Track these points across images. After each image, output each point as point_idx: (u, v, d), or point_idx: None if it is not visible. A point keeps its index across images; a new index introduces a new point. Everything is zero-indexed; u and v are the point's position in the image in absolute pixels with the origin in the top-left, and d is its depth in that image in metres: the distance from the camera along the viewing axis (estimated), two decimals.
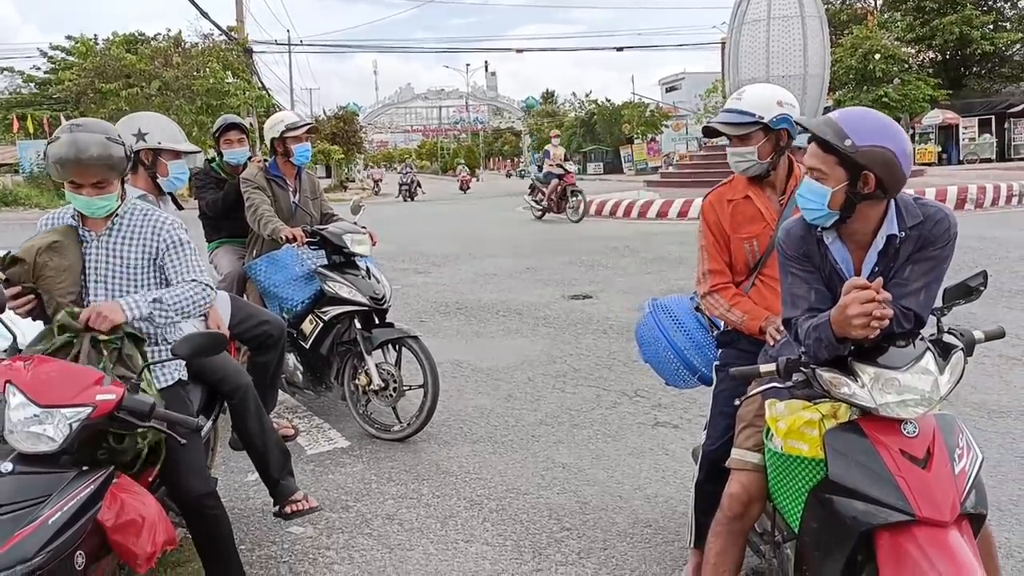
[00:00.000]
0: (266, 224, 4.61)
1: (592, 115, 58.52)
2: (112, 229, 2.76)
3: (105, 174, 2.60)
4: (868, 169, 2.12)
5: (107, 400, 2.20)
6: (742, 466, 2.52)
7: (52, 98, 38.89)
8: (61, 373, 2.24)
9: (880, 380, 2.11)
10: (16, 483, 2.05)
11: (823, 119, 2.22)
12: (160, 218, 2.82)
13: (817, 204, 2.19)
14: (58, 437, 2.12)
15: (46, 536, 1.97)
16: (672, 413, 4.93)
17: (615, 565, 3.21)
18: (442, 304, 8.75)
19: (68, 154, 2.53)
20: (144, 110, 16.84)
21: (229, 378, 3.21)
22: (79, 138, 2.55)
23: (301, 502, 3.37)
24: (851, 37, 36.67)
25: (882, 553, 2.03)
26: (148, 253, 2.78)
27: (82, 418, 2.15)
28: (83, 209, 2.70)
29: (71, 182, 2.60)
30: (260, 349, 4.01)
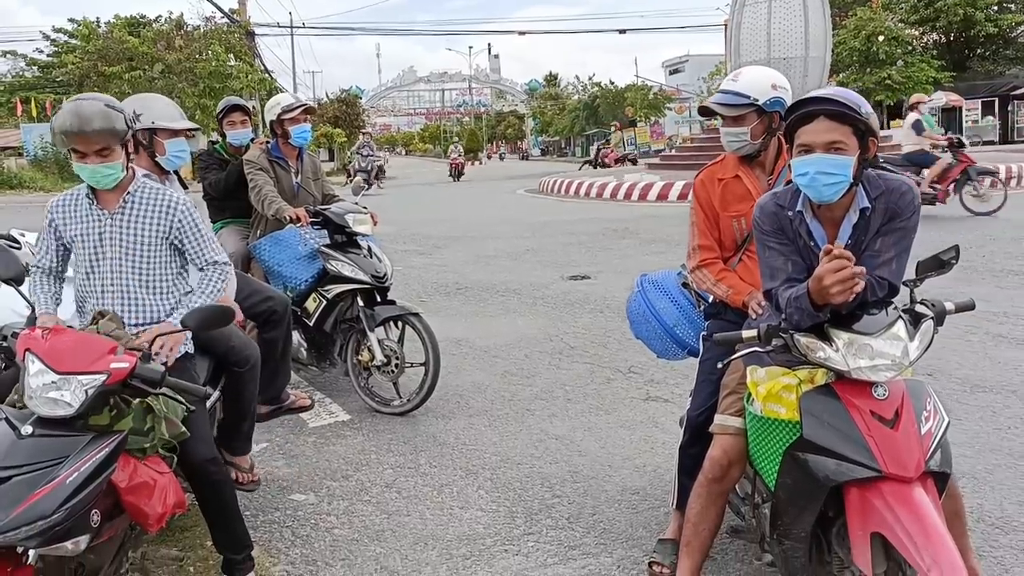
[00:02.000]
0: (270, 204, 4.70)
1: (595, 98, 58.39)
2: (124, 207, 2.83)
3: (107, 140, 2.67)
4: (875, 135, 2.25)
5: (121, 368, 2.31)
6: (724, 430, 2.64)
7: (55, 81, 38.88)
8: (77, 342, 2.35)
9: (854, 345, 2.22)
10: (36, 445, 2.17)
11: (830, 93, 2.30)
12: (171, 197, 2.89)
13: (842, 175, 2.24)
14: (75, 402, 2.23)
15: (64, 495, 2.08)
16: (664, 388, 5.05)
17: (603, 529, 3.34)
18: (442, 284, 8.86)
19: (71, 121, 2.61)
20: (147, 92, 16.85)
21: (238, 348, 3.30)
22: (81, 106, 2.65)
23: (247, 473, 3.52)
24: (855, 19, 36.54)
25: (850, 506, 2.16)
26: (162, 231, 2.86)
27: (97, 384, 2.26)
28: (89, 179, 2.76)
29: (75, 151, 2.68)
30: (266, 325, 4.10)
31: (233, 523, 2.90)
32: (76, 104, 2.67)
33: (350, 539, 3.35)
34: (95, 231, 2.84)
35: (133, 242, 2.84)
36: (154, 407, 2.48)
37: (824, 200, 2.32)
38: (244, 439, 3.51)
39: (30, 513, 2.01)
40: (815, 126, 2.27)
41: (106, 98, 2.76)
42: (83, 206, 2.86)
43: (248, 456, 3.57)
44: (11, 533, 1.98)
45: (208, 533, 3.40)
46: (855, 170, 2.27)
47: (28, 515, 2.01)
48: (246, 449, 3.54)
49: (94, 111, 2.64)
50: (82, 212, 2.86)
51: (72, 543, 2.12)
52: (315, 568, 3.14)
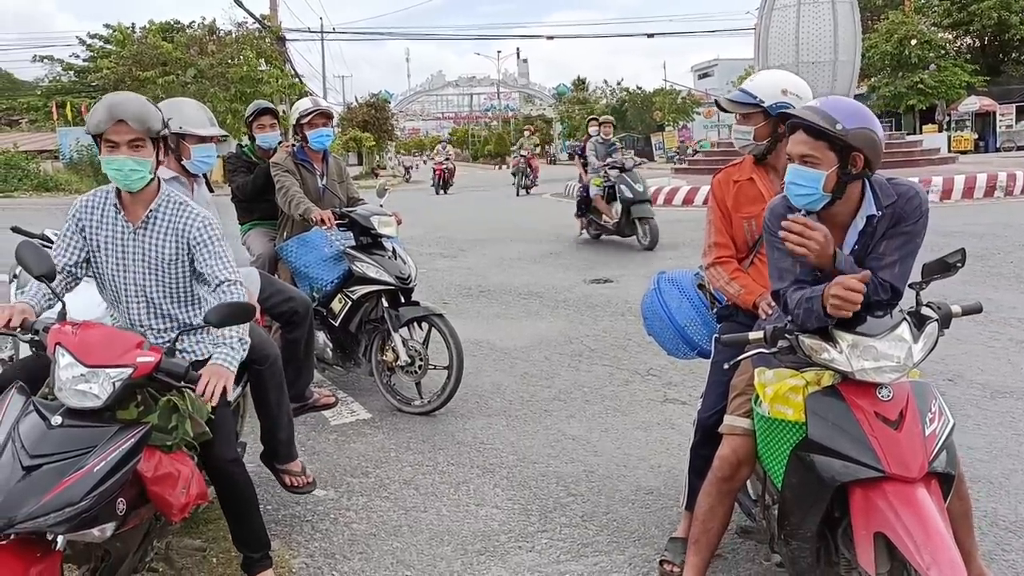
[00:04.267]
0: (297, 205, 4.81)
1: (623, 102, 58.27)
2: (148, 223, 2.81)
3: (142, 132, 2.65)
4: (858, 150, 2.28)
5: (147, 362, 2.39)
6: (733, 431, 2.68)
7: (91, 86, 39.64)
8: (105, 336, 2.43)
9: (858, 347, 2.26)
10: (65, 435, 2.25)
11: (807, 107, 2.38)
12: (191, 213, 2.85)
13: (812, 188, 2.33)
14: (102, 395, 2.30)
15: (91, 483, 2.15)
16: (682, 390, 5.09)
17: (616, 527, 3.39)
18: (465, 287, 8.95)
19: (108, 107, 2.63)
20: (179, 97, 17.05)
21: (258, 346, 3.35)
22: (118, 96, 2.72)
23: (300, 476, 3.55)
24: (887, 22, 36.17)
25: (855, 506, 2.19)
26: (183, 248, 2.84)
27: (124, 377, 2.33)
28: (117, 175, 2.69)
29: (108, 143, 2.65)
30: (288, 325, 4.18)
31: (253, 521, 2.95)
32: (114, 94, 2.73)
33: (368, 534, 3.43)
34: (119, 243, 2.83)
35: (156, 259, 2.82)
36: (180, 406, 2.52)
37: (803, 208, 2.38)
38: (286, 445, 3.55)
39: (59, 500, 2.08)
40: (794, 137, 2.36)
41: (144, 98, 2.81)
42: (110, 214, 2.83)
43: (299, 460, 3.61)
44: (41, 519, 2.05)
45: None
46: (831, 185, 2.31)
47: (57, 502, 2.08)
48: (292, 455, 3.57)
49: (132, 101, 2.69)
50: (109, 219, 2.84)
51: (98, 530, 2.19)
52: (333, 561, 3.22)
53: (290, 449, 3.58)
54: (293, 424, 3.65)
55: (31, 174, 28.99)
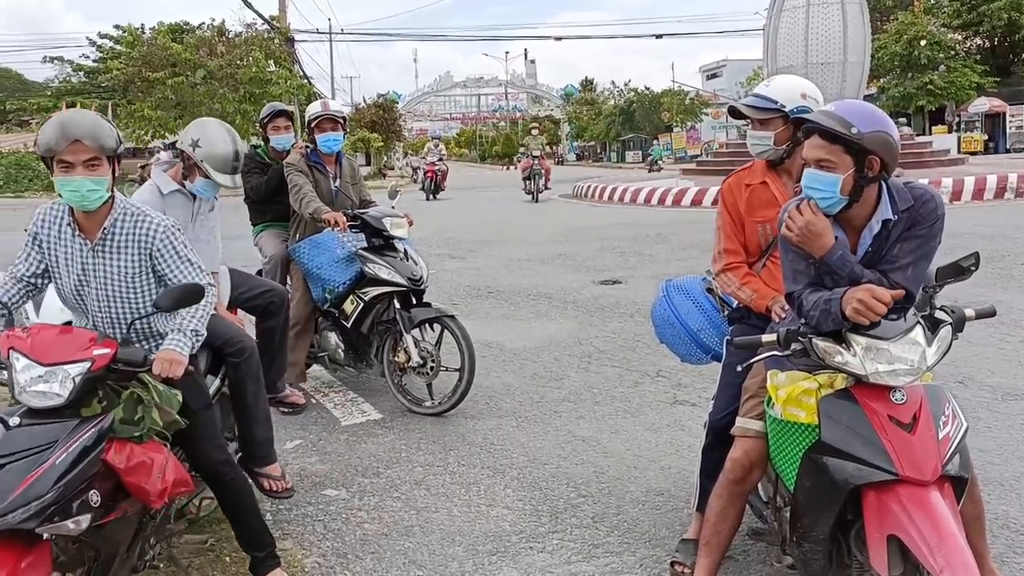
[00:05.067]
0: (308, 204, 4.83)
1: (631, 103, 58.21)
2: (105, 240, 2.72)
3: (97, 152, 2.55)
4: (874, 153, 2.29)
5: (104, 354, 2.41)
6: (745, 433, 2.68)
7: (101, 87, 39.80)
8: (59, 335, 2.45)
9: (872, 350, 2.27)
10: (25, 434, 2.25)
11: (823, 112, 2.39)
12: (151, 222, 2.77)
13: (829, 192, 2.35)
14: (64, 392, 2.31)
15: (55, 475, 2.15)
16: (692, 392, 5.09)
17: (627, 528, 3.40)
18: (475, 288, 8.96)
19: (60, 126, 2.53)
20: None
21: (234, 339, 3.39)
22: (70, 114, 2.63)
23: (279, 480, 3.51)
24: (896, 23, 36.07)
25: (868, 509, 2.20)
26: (144, 262, 2.77)
27: (83, 371, 2.34)
28: (73, 196, 2.59)
29: (62, 164, 2.54)
30: (264, 315, 4.22)
31: (252, 521, 2.96)
32: (66, 114, 2.65)
33: (380, 533, 3.45)
34: (78, 261, 2.74)
35: (118, 273, 2.75)
36: (144, 396, 2.51)
37: (826, 212, 2.39)
38: (264, 446, 3.50)
39: (26, 495, 2.10)
40: (810, 142, 2.37)
41: (98, 115, 2.74)
42: (66, 232, 2.74)
43: (277, 464, 3.59)
44: (10, 515, 2.06)
45: None
46: (848, 189, 2.32)
47: (24, 497, 2.09)
48: (271, 457, 3.54)
49: (86, 119, 2.60)
50: (65, 238, 2.74)
51: (73, 522, 2.20)
52: (345, 561, 3.24)
53: (268, 450, 3.53)
54: (272, 424, 3.61)
55: (42, 174, 29.20)
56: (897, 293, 2.28)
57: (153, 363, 2.52)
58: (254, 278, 4.34)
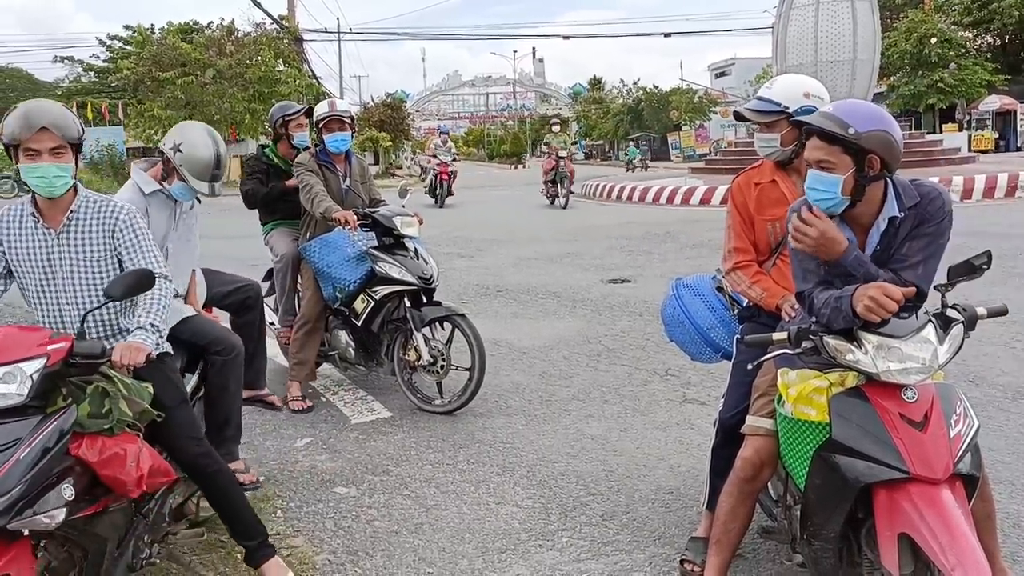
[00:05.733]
0: (319, 203, 4.84)
1: (639, 102, 58.11)
2: (70, 225, 2.76)
3: (62, 140, 2.61)
4: (873, 152, 2.29)
5: (59, 348, 2.36)
6: (756, 432, 2.68)
7: (111, 86, 40.08)
8: (10, 335, 2.39)
9: (883, 348, 2.27)
10: None
11: (820, 113, 2.40)
12: (114, 205, 2.83)
13: (830, 192, 2.36)
14: (23, 391, 2.26)
15: (20, 469, 2.14)
16: (701, 391, 5.09)
17: (636, 527, 3.40)
18: (483, 286, 8.97)
19: (26, 115, 2.58)
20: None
21: (221, 339, 3.41)
22: (36, 103, 2.66)
23: (243, 474, 3.51)
24: (906, 21, 35.92)
25: (879, 507, 2.20)
26: (107, 244, 2.79)
27: (40, 368, 2.29)
28: (39, 183, 2.64)
29: (28, 151, 2.60)
30: (240, 310, 4.20)
31: (239, 511, 2.95)
32: (33, 102, 2.68)
33: (390, 531, 3.46)
34: (43, 251, 2.76)
35: (84, 259, 2.77)
36: (109, 389, 2.48)
37: (824, 212, 2.40)
38: (229, 443, 3.50)
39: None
40: (810, 143, 2.39)
41: (61, 104, 2.78)
42: (28, 224, 2.77)
43: (241, 460, 3.59)
44: None
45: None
46: (849, 189, 2.33)
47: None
48: (235, 454, 3.53)
49: (52, 107, 2.66)
50: (27, 230, 2.77)
51: (47, 516, 2.18)
52: (356, 558, 3.25)
53: (233, 448, 3.53)
54: (241, 426, 3.62)
55: None
56: (908, 291, 2.28)
57: (112, 353, 2.49)
58: (226, 275, 4.27)
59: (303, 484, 3.96)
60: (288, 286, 5.38)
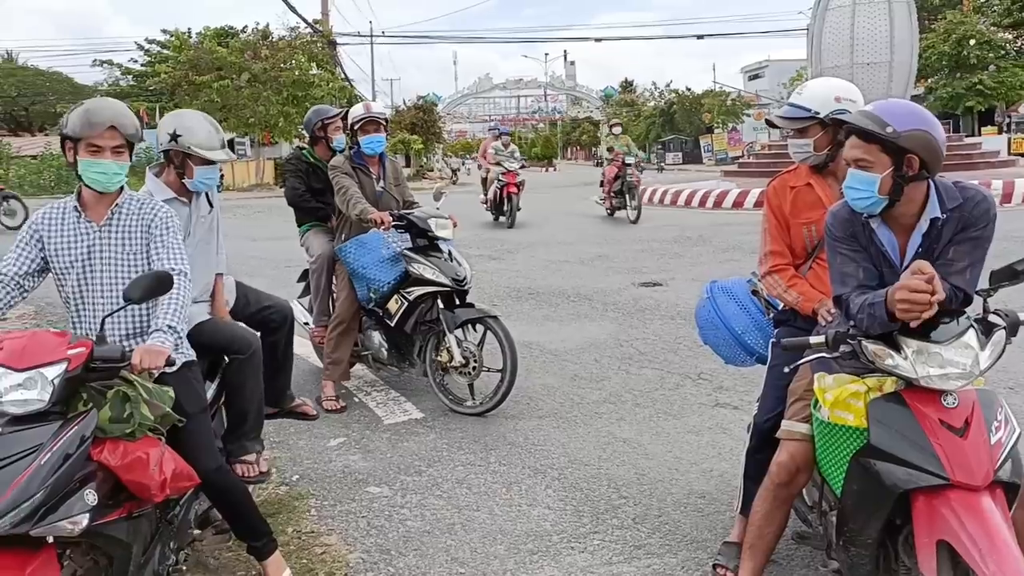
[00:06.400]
0: (355, 205, 4.89)
1: (671, 104, 57.86)
2: (112, 219, 2.81)
3: (125, 139, 2.71)
4: (911, 152, 2.27)
5: (79, 352, 2.35)
6: (791, 436, 2.66)
7: (148, 90, 40.69)
8: (30, 340, 2.37)
9: (923, 353, 2.24)
10: (8, 441, 2.18)
11: (860, 112, 2.39)
12: (155, 204, 2.90)
13: (868, 192, 2.34)
14: (44, 396, 2.25)
15: (42, 474, 2.12)
16: (733, 395, 5.05)
17: (668, 530, 3.39)
18: (514, 289, 8.99)
19: (98, 112, 2.65)
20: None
21: (237, 338, 3.39)
22: (107, 102, 2.73)
23: (252, 465, 3.46)
24: (944, 22, 35.37)
25: (917, 513, 2.17)
26: (144, 240, 2.83)
27: (60, 372, 2.28)
28: (98, 178, 2.71)
29: (92, 147, 2.67)
30: (266, 331, 3.99)
31: (248, 518, 2.97)
32: (101, 100, 2.74)
33: (422, 531, 3.48)
34: (83, 244, 2.79)
35: (124, 253, 2.81)
36: (129, 393, 2.46)
37: (861, 211, 2.39)
38: (243, 440, 3.47)
39: (15, 498, 2.06)
40: (849, 142, 2.38)
41: (124, 104, 2.83)
42: (70, 219, 2.81)
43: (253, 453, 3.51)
44: (1, 521, 2.03)
45: (288, 519, 3.62)
46: (887, 188, 2.31)
47: (13, 500, 2.06)
48: (250, 449, 3.49)
49: (118, 107, 2.73)
50: (69, 225, 2.81)
51: (70, 522, 2.16)
52: (389, 557, 3.28)
53: (246, 444, 3.48)
54: (260, 423, 3.58)
55: None
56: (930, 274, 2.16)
57: (132, 356, 2.47)
58: (258, 293, 4.15)
59: (336, 483, 4.01)
60: (323, 286, 5.44)
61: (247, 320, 3.88)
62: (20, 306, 8.69)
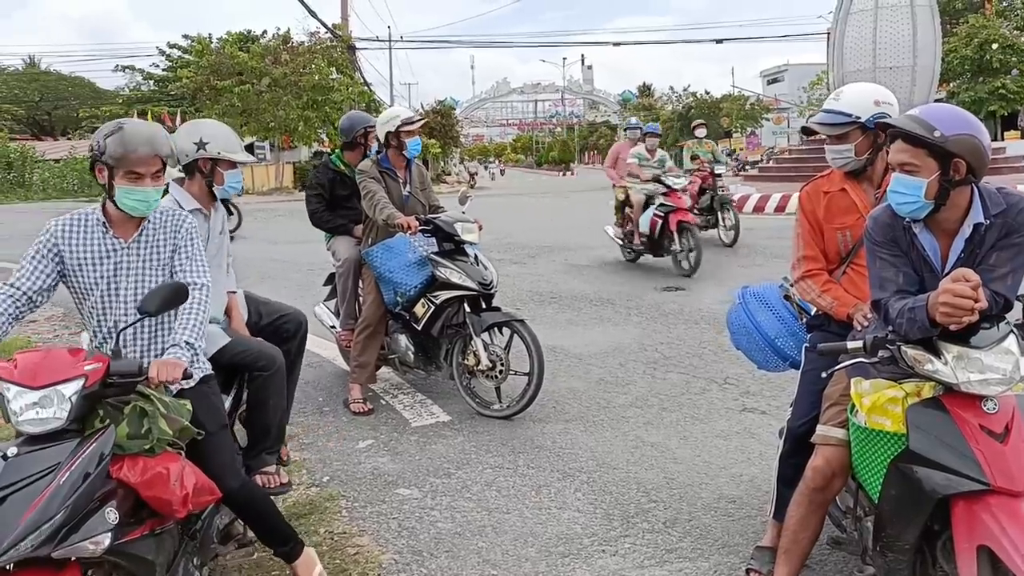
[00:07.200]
0: (382, 210, 4.93)
1: (690, 108, 57.66)
2: (141, 236, 2.76)
3: (162, 163, 2.68)
4: (959, 156, 2.27)
5: (96, 368, 2.31)
6: (827, 441, 2.66)
7: (170, 95, 41.12)
8: (45, 357, 2.33)
9: (964, 358, 2.23)
10: (25, 462, 2.14)
11: (907, 116, 2.38)
12: (181, 215, 2.87)
13: (914, 196, 2.34)
14: (62, 414, 2.21)
15: (62, 494, 2.07)
16: (760, 400, 5.04)
17: (699, 535, 3.39)
18: (536, 293, 9.01)
19: (134, 140, 2.58)
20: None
21: (264, 354, 3.38)
22: (142, 125, 2.67)
23: (272, 476, 3.46)
24: (966, 26, 35.06)
25: (957, 519, 2.16)
26: (172, 251, 2.81)
27: (78, 389, 2.24)
28: (138, 206, 2.67)
29: (132, 174, 2.62)
30: (279, 341, 3.90)
31: (273, 526, 2.96)
32: (137, 124, 2.69)
33: (453, 532, 3.50)
34: (111, 262, 2.73)
35: (151, 268, 2.77)
36: (147, 408, 2.42)
37: (906, 216, 2.39)
38: (264, 454, 3.45)
39: (34, 520, 2.02)
40: (894, 146, 2.38)
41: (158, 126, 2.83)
42: (95, 234, 2.73)
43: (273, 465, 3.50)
44: (22, 544, 1.99)
45: (320, 520, 3.65)
46: (933, 193, 2.30)
47: (33, 523, 2.02)
48: (268, 462, 3.46)
49: (158, 132, 2.69)
50: (94, 239, 2.73)
51: (92, 543, 2.11)
52: (421, 558, 3.30)
53: (267, 458, 3.47)
54: (282, 436, 3.57)
55: None
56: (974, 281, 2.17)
57: (149, 369, 2.44)
58: (272, 304, 4.10)
59: (366, 485, 4.03)
60: (350, 290, 5.48)
61: (261, 332, 3.85)
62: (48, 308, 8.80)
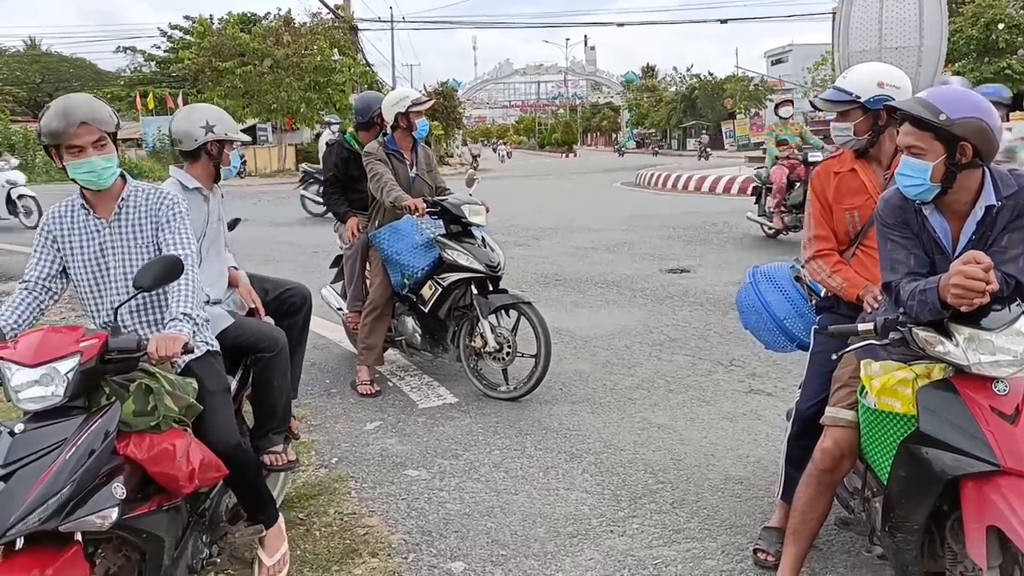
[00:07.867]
0: (388, 191, 4.92)
1: (693, 90, 57.40)
2: (120, 213, 2.78)
3: (102, 131, 2.63)
4: (965, 139, 2.27)
5: (92, 344, 2.33)
6: (836, 423, 2.67)
7: (171, 76, 41.03)
8: (43, 336, 2.35)
9: (975, 340, 2.24)
10: (31, 437, 2.18)
11: (913, 99, 2.38)
12: (163, 192, 2.86)
13: (920, 179, 2.34)
14: (60, 391, 2.24)
15: (68, 469, 2.11)
16: (766, 382, 5.06)
17: (707, 515, 3.41)
18: (541, 275, 9.01)
19: (65, 113, 2.57)
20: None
21: (264, 336, 3.38)
22: (71, 100, 2.65)
23: (280, 455, 3.44)
24: (972, 6, 34.74)
25: (966, 500, 2.18)
26: (154, 230, 2.81)
27: (74, 366, 2.27)
28: (88, 176, 2.66)
29: (71, 148, 2.60)
30: (284, 315, 3.97)
31: (258, 493, 2.98)
32: (67, 99, 2.67)
33: (462, 513, 3.53)
34: (95, 242, 2.77)
35: (136, 245, 2.78)
36: (152, 385, 2.44)
37: (914, 198, 2.39)
38: (271, 434, 3.45)
39: (41, 495, 2.06)
40: (902, 129, 2.38)
41: (92, 96, 2.80)
42: (79, 217, 2.78)
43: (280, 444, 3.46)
44: (30, 518, 2.02)
45: (330, 501, 3.67)
46: (939, 176, 2.31)
47: (39, 497, 2.05)
48: (275, 442, 3.44)
49: (86, 101, 2.66)
50: (79, 222, 2.78)
51: (99, 517, 2.14)
52: (430, 538, 3.33)
53: (274, 438, 3.45)
54: (288, 417, 3.57)
55: None
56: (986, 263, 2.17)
57: (148, 345, 2.45)
58: (275, 280, 4.12)
59: (375, 466, 4.06)
60: (357, 272, 5.49)
61: (267, 307, 3.87)
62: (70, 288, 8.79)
